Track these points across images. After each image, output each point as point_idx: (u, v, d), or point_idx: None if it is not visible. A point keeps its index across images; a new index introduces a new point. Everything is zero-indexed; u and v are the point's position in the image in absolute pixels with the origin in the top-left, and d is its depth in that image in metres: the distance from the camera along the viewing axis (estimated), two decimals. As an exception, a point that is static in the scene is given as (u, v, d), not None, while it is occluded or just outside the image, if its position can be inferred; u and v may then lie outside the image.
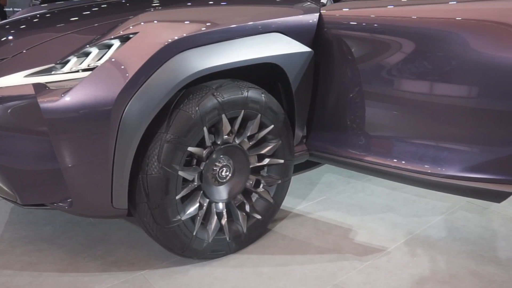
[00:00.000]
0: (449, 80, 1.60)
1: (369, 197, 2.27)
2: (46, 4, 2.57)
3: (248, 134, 1.67)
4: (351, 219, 2.04)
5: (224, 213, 1.70)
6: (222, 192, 1.70)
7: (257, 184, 1.80)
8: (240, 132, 1.67)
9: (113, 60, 1.35)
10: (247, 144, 1.70)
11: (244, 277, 1.61)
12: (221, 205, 1.70)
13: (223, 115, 1.53)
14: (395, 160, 1.78)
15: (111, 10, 2.03)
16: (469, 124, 1.61)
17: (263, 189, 1.80)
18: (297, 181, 2.46)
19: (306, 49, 1.74)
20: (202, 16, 1.63)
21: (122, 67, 1.34)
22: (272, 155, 1.78)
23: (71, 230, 1.93)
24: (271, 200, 1.82)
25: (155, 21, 1.49)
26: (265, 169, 1.82)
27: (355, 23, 1.77)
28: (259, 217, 1.79)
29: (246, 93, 1.58)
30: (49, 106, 1.30)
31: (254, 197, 1.81)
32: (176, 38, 1.39)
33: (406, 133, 1.76)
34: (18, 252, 1.76)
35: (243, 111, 1.59)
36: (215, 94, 1.50)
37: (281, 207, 2.06)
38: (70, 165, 1.36)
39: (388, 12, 1.73)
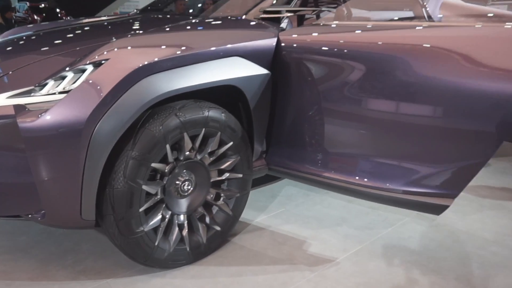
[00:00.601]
0: (393, 100, 1.76)
1: (326, 209, 2.41)
2: (32, 25, 2.65)
3: (209, 151, 1.79)
4: (306, 230, 2.17)
5: (185, 224, 1.80)
6: (184, 205, 1.80)
7: (217, 197, 1.91)
8: (201, 148, 1.78)
9: (85, 84, 1.46)
10: (208, 160, 1.81)
11: (201, 285, 1.71)
12: (182, 217, 1.80)
13: (185, 133, 1.65)
14: (345, 175, 1.93)
15: (91, 34, 2.13)
16: (411, 142, 1.77)
17: (222, 202, 1.91)
18: (259, 193, 2.58)
19: (263, 71, 1.88)
20: (168, 43, 1.74)
21: (94, 90, 1.44)
22: (231, 169, 1.90)
23: (45, 240, 2.00)
24: (230, 213, 1.93)
25: (125, 48, 1.60)
26: (225, 183, 1.94)
27: (310, 47, 1.93)
28: (218, 228, 1.90)
29: (207, 112, 1.70)
30: (27, 126, 1.40)
31: (215, 209, 1.92)
32: (142, 64, 1.51)
33: (355, 150, 1.92)
34: (-15, 261, 1.81)
35: (204, 129, 1.70)
36: (177, 114, 1.61)
37: (242, 219, 2.18)
38: (43, 179, 1.45)
39: (339, 37, 1.90)
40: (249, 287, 1.71)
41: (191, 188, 1.80)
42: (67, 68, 1.52)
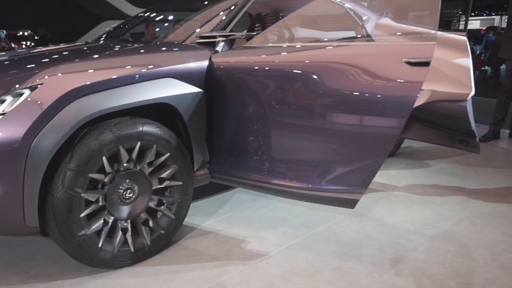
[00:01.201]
0: (307, 111, 2.03)
1: (270, 211, 2.64)
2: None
3: (147, 161, 2.02)
4: (248, 231, 2.39)
5: (129, 228, 2.01)
6: (126, 211, 2.01)
7: (160, 203, 2.13)
8: (140, 160, 2.01)
9: (21, 106, 1.69)
10: (147, 170, 2.04)
11: (143, 282, 1.91)
12: (126, 222, 2.02)
13: (120, 147, 1.88)
14: (274, 179, 2.18)
15: (34, 61, 2.35)
16: (326, 146, 2.04)
17: (165, 207, 2.13)
18: (211, 201, 2.81)
19: (196, 89, 2.14)
20: (100, 68, 1.98)
21: (28, 111, 1.68)
22: (171, 178, 2.12)
23: (3, 250, 2.18)
24: (173, 217, 2.15)
25: (59, 74, 1.84)
26: (168, 190, 2.16)
27: (236, 67, 2.20)
28: (162, 231, 2.12)
29: (142, 127, 1.94)
30: None
31: (159, 214, 2.14)
32: (73, 88, 1.75)
33: (282, 156, 2.17)
34: None
35: (139, 142, 1.94)
36: (112, 129, 1.85)
37: (190, 223, 2.41)
38: None
39: (264, 59, 2.18)
40: (186, 280, 1.92)
41: (134, 196, 2.02)
42: (7, 92, 1.75)
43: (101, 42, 2.93)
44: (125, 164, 1.94)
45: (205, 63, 2.20)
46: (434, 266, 2.01)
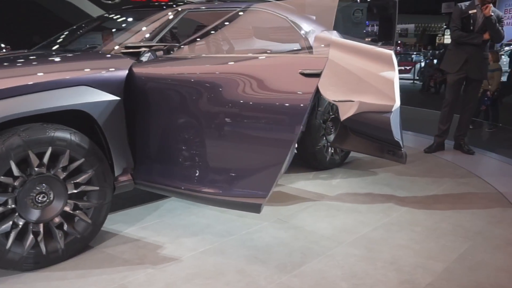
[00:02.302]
0: (208, 119, 2.16)
1: (198, 218, 2.72)
2: None
3: (61, 166, 2.10)
4: (169, 237, 2.46)
5: (41, 231, 2.08)
6: (39, 215, 2.09)
7: (76, 207, 2.21)
8: (55, 164, 2.09)
9: None
10: (62, 174, 2.12)
11: (50, 282, 1.97)
12: (39, 224, 2.08)
13: (29, 151, 1.96)
14: (188, 184, 2.29)
15: None
16: (229, 153, 2.15)
17: (81, 212, 2.20)
18: (144, 208, 2.88)
19: (113, 97, 2.24)
20: (12, 75, 2.04)
21: None
22: (88, 183, 2.20)
23: None
24: (89, 221, 2.22)
25: None
26: (86, 195, 2.24)
27: (155, 77, 2.32)
28: (78, 235, 2.19)
29: (53, 133, 2.03)
30: None
31: (76, 218, 2.21)
32: None
33: (194, 162, 2.28)
34: None
35: (50, 147, 2.03)
36: (20, 134, 1.94)
37: (115, 230, 2.49)
38: None
39: (176, 69, 2.32)
40: (92, 280, 1.99)
41: (47, 200, 2.10)
42: None
43: (34, 49, 3.04)
44: (36, 169, 2.03)
45: (124, 72, 2.31)
46: (334, 269, 2.10)
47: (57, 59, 2.39)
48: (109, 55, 2.42)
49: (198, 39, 2.73)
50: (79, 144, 2.13)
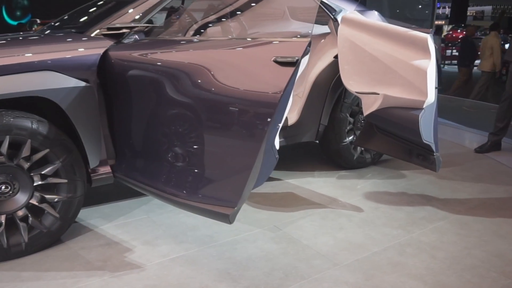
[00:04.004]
0: (173, 110, 1.86)
1: (186, 218, 2.46)
2: None
3: (22, 156, 1.95)
4: (147, 237, 2.24)
5: (3, 222, 1.96)
6: (1, 205, 1.97)
7: (43, 200, 2.06)
8: (17, 154, 1.95)
9: None
10: (26, 165, 1.98)
11: (1, 279, 1.86)
12: (1, 216, 1.97)
13: (-16, 139, 1.83)
14: (156, 183, 2.03)
15: None
16: (194, 153, 1.83)
17: (47, 205, 2.05)
18: (136, 201, 2.69)
19: (81, 83, 2.03)
20: None
21: None
22: (56, 175, 2.04)
23: None
24: (57, 215, 2.07)
25: None
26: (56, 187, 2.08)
27: (129, 60, 2.07)
28: (44, 229, 2.05)
29: (11, 121, 1.87)
30: None
31: (45, 211, 2.07)
32: None
33: (164, 160, 2.00)
34: None
35: (7, 136, 1.88)
36: (-27, 121, 1.81)
37: (93, 224, 2.34)
38: None
39: (151, 54, 2.04)
40: (43, 284, 1.83)
41: (11, 191, 1.97)
42: None
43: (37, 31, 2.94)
44: (-4, 158, 1.90)
45: (97, 55, 2.09)
46: (312, 300, 1.72)
47: (28, 41, 2.22)
48: (85, 37, 2.21)
49: (179, 21, 2.43)
50: (42, 133, 1.96)
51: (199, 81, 1.78)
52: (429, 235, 2.26)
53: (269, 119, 1.62)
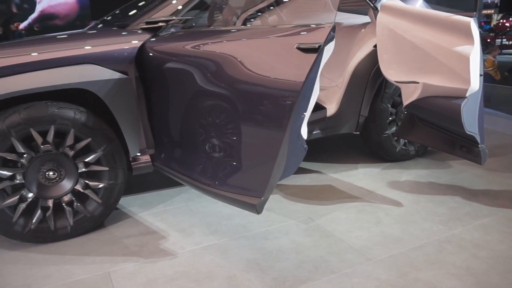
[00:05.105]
0: (206, 102, 1.88)
1: (222, 207, 2.49)
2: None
3: (67, 145, 2.07)
4: (183, 225, 2.30)
5: (51, 207, 2.11)
6: (48, 190, 2.11)
7: (87, 186, 2.18)
8: (62, 143, 2.08)
9: None
10: (70, 153, 2.10)
11: (49, 256, 2.00)
12: (48, 200, 2.12)
13: (31, 129, 1.97)
14: (191, 173, 2.07)
15: None
16: (222, 143, 1.85)
17: (90, 191, 2.17)
18: (176, 190, 2.77)
19: (120, 75, 2.11)
20: (14, 54, 2.01)
21: None
22: (97, 163, 2.16)
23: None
24: (99, 201, 2.19)
25: None
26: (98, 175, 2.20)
27: (166, 52, 2.12)
28: (88, 214, 2.18)
29: (55, 111, 2.00)
30: None
31: (88, 197, 2.19)
32: None
33: (198, 150, 2.04)
34: None
35: (53, 126, 2.00)
36: (21, 112, 1.94)
37: (134, 211, 2.44)
38: None
39: (187, 47, 2.06)
40: (83, 263, 1.95)
41: (57, 177, 2.11)
42: None
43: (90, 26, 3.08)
44: (42, 146, 2.03)
45: (134, 48, 2.16)
46: (340, 294, 1.68)
47: (73, 37, 2.33)
48: (124, 32, 2.29)
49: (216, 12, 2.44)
50: (84, 123, 2.07)
51: (227, 71, 1.79)
52: (473, 232, 2.13)
53: (292, 107, 1.60)
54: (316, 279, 1.79)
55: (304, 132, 1.84)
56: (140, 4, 2.96)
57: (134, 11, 2.85)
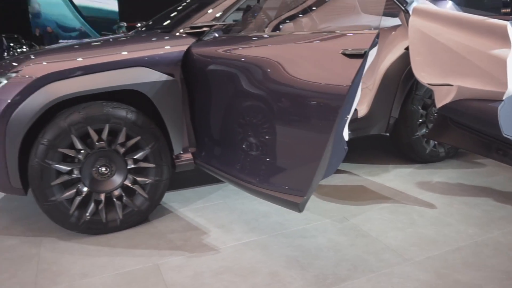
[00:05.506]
0: (251, 104, 1.97)
1: (258, 205, 2.59)
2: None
3: (119, 142, 2.20)
4: (222, 221, 2.41)
5: (103, 200, 2.24)
6: (100, 185, 2.25)
7: (135, 182, 2.31)
8: (114, 140, 2.21)
9: (3, 89, 2.03)
10: (121, 150, 2.23)
11: (101, 247, 2.13)
12: (100, 194, 2.25)
13: (88, 127, 2.10)
14: (232, 170, 2.17)
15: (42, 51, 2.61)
16: (267, 143, 1.95)
17: (138, 186, 2.30)
18: (211, 187, 2.89)
19: (168, 78, 2.23)
20: (73, 58, 2.16)
21: (6, 94, 2.00)
22: (145, 160, 2.28)
23: (25, 207, 2.67)
24: (146, 196, 2.31)
25: (32, 64, 2.10)
26: (145, 171, 2.33)
27: (209, 56, 2.23)
28: (135, 208, 2.31)
29: (109, 110, 2.12)
30: None
31: (135, 192, 2.32)
32: (40, 76, 2.02)
33: (241, 149, 2.14)
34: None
35: (107, 124, 2.13)
36: (80, 111, 2.08)
37: (175, 206, 2.57)
38: None
39: (226, 49, 2.19)
40: (134, 254, 2.07)
41: (109, 172, 2.24)
42: (2, 76, 2.10)
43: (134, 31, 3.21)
44: (97, 143, 2.17)
45: (181, 52, 2.27)
46: (381, 293, 1.76)
47: (123, 41, 2.46)
48: (170, 36, 2.40)
49: (257, 17, 2.52)
50: (135, 122, 2.19)
51: (272, 74, 1.87)
52: (508, 236, 2.17)
53: (337, 111, 1.67)
54: (356, 277, 1.87)
55: (345, 133, 1.91)
56: (180, 9, 3.07)
57: (177, 16, 2.97)
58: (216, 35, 2.43)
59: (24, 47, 15.76)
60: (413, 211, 2.47)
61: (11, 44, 15.20)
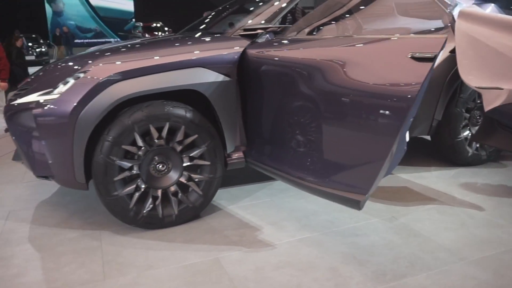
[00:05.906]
0: (314, 105, 2.02)
1: (306, 203, 2.65)
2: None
3: (177, 140, 2.28)
4: (273, 218, 2.47)
5: (159, 196, 2.32)
6: (158, 181, 2.33)
7: (190, 179, 2.39)
8: (172, 138, 2.29)
9: (71, 89, 2.12)
10: (178, 147, 2.31)
11: (161, 242, 2.21)
12: (158, 190, 2.33)
13: (150, 125, 2.18)
14: (291, 170, 2.22)
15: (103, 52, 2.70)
16: (332, 141, 2.00)
17: (193, 183, 2.37)
18: (258, 186, 2.95)
19: (225, 78, 2.30)
20: (136, 58, 2.25)
21: (75, 93, 2.10)
22: (200, 157, 2.35)
23: (79, 201, 2.77)
24: (200, 193, 2.39)
25: (100, 64, 2.20)
26: (200, 168, 2.40)
27: (265, 58, 2.30)
28: (190, 204, 2.38)
29: (170, 110, 2.20)
30: (37, 113, 2.12)
31: (190, 188, 2.40)
32: (108, 75, 2.11)
33: (299, 148, 2.19)
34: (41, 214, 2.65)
35: (167, 123, 2.21)
36: (143, 110, 2.16)
37: (224, 203, 2.63)
38: (48, 152, 2.15)
39: (283, 51, 2.27)
40: (194, 249, 2.14)
41: (166, 169, 2.32)
42: (69, 76, 2.20)
43: (179, 32, 3.30)
44: (156, 141, 2.25)
45: (237, 54, 2.35)
46: (442, 289, 1.79)
47: (181, 42, 2.54)
48: (226, 38, 2.48)
49: (311, 20, 2.58)
50: (193, 121, 2.27)
51: (337, 77, 1.92)
52: None
53: (405, 113, 1.72)
54: (414, 274, 1.90)
55: (407, 134, 1.96)
56: (225, 12, 3.16)
57: (223, 19, 3.05)
58: (269, 37, 2.50)
59: (43, 47, 16.17)
60: (461, 213, 2.49)
61: (29, 44, 15.64)
